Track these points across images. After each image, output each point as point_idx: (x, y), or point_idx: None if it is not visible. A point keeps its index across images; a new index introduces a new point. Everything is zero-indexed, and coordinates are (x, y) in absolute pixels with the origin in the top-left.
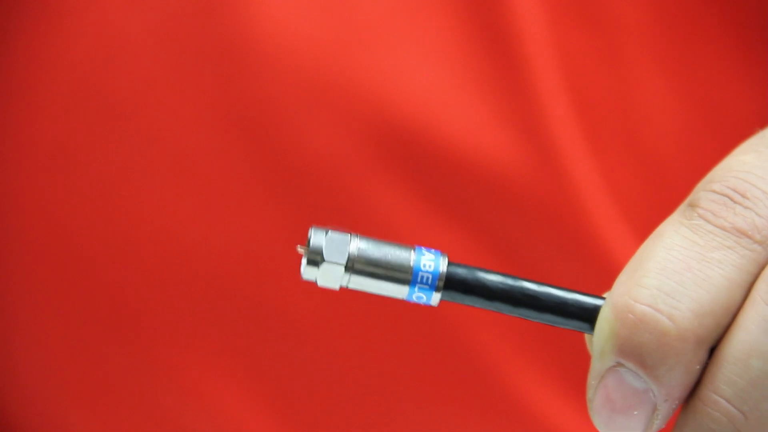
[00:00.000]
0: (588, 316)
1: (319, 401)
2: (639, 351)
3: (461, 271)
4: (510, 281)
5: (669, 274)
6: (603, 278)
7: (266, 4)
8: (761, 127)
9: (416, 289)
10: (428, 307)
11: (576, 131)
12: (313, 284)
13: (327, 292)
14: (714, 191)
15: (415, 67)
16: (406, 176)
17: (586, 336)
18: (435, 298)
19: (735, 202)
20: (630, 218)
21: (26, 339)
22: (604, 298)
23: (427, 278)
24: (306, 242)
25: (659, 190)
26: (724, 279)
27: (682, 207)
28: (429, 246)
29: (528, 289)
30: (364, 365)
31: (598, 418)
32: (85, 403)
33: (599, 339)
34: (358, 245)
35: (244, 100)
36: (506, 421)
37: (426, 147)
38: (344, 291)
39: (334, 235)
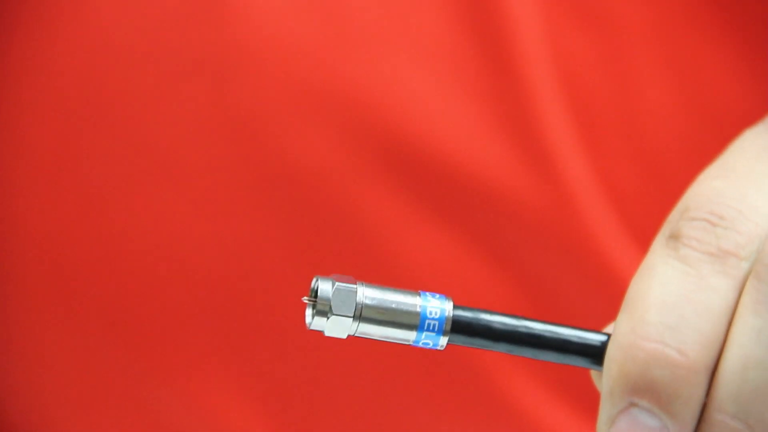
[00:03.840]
0: (593, 352)
1: (314, 405)
2: (653, 387)
3: (466, 315)
4: (514, 322)
5: (671, 309)
6: (601, 286)
7: (260, 10)
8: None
9: (423, 335)
10: None
11: (573, 137)
12: (308, 287)
13: None
14: (693, 218)
15: (410, 73)
16: (400, 183)
17: (593, 372)
18: (442, 341)
19: (714, 225)
20: (630, 223)
21: (23, 342)
22: (606, 334)
23: (434, 324)
24: (310, 292)
25: (660, 193)
26: (723, 304)
27: (663, 239)
28: (423, 252)
29: (532, 329)
30: (358, 369)
31: None
32: (82, 405)
33: (609, 380)
34: (365, 294)
35: (238, 105)
36: (500, 424)
37: (420, 154)
38: None
39: (342, 286)
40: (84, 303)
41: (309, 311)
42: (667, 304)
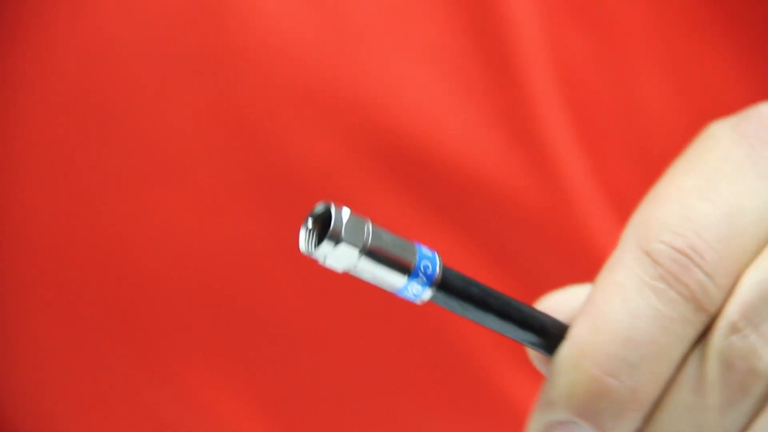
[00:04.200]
0: (542, 331)
1: (313, 404)
2: (598, 417)
3: (454, 273)
4: (495, 293)
5: (635, 347)
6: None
7: (260, 11)
8: None
9: (414, 281)
10: (421, 310)
11: (572, 136)
12: (307, 287)
13: (322, 295)
14: (672, 246)
15: (410, 73)
16: (400, 182)
17: (530, 351)
18: (426, 294)
19: (696, 265)
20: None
21: (23, 343)
22: (561, 324)
23: (427, 272)
24: (311, 216)
25: None
26: (680, 353)
27: (636, 250)
28: None
29: (507, 298)
30: (357, 368)
31: None
32: (82, 405)
33: (554, 391)
34: (371, 228)
35: (239, 106)
36: (498, 423)
37: (420, 153)
38: (339, 287)
39: (355, 215)
40: (83, 302)
41: (307, 235)
42: (632, 341)
